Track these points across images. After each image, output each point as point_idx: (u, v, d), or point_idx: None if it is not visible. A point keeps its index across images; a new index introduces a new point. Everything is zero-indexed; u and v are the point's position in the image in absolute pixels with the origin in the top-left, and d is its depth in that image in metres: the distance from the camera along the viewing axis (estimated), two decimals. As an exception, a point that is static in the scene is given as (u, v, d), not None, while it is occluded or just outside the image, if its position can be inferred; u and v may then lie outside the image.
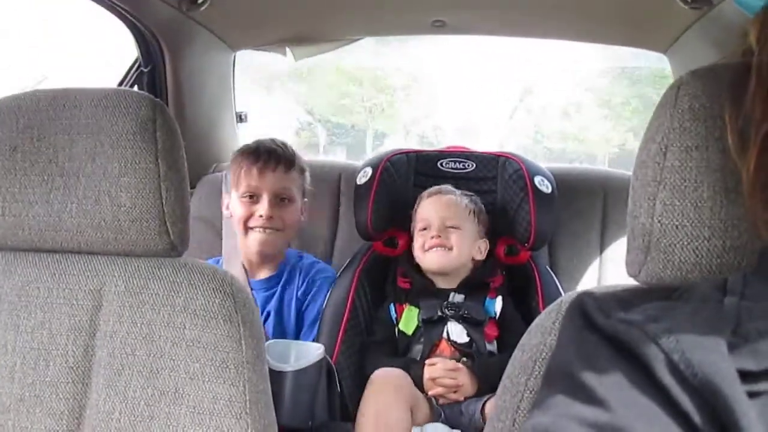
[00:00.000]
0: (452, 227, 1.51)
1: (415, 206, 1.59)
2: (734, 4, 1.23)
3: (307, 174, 1.65)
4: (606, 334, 0.47)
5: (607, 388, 0.43)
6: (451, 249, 1.49)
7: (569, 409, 0.43)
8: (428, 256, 1.50)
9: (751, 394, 0.40)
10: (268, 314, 1.57)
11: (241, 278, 1.58)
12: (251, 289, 1.58)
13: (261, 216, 1.52)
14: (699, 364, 0.41)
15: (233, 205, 1.59)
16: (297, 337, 1.57)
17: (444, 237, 1.49)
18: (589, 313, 0.50)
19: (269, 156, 1.55)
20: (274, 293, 1.60)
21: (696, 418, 0.40)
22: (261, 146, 1.59)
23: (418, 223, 1.55)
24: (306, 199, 1.65)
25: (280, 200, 1.55)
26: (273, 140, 1.62)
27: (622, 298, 0.54)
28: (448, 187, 1.59)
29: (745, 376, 0.41)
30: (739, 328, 0.44)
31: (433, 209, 1.53)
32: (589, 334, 0.49)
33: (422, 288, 1.53)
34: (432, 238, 1.49)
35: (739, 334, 0.44)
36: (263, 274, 1.62)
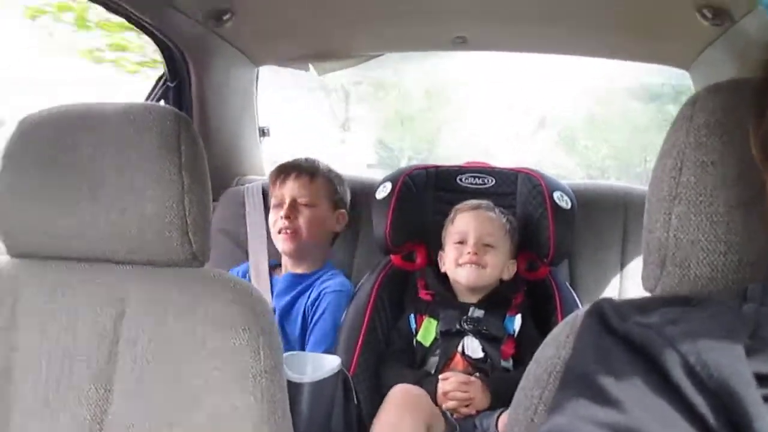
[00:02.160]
0: (489, 245, 1.50)
1: (450, 217, 1.58)
2: (757, 17, 1.23)
3: (341, 186, 1.76)
4: (622, 336, 0.48)
5: (623, 389, 0.43)
6: (485, 267, 1.49)
7: (585, 411, 0.43)
8: (460, 271, 1.50)
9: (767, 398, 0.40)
10: (273, 310, 1.62)
11: (265, 282, 1.70)
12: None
13: (282, 217, 1.65)
14: (715, 366, 0.41)
15: (270, 217, 1.74)
16: (299, 343, 1.61)
17: (480, 254, 1.49)
18: (606, 317, 0.51)
19: (291, 167, 1.71)
20: (291, 292, 1.66)
21: (711, 420, 0.40)
22: (287, 162, 1.75)
23: (453, 236, 1.54)
24: (344, 211, 1.75)
25: (299, 205, 1.66)
26: (303, 157, 1.76)
27: (640, 305, 0.54)
28: (489, 203, 1.58)
29: (762, 379, 0.41)
30: (757, 332, 0.44)
31: (472, 224, 1.52)
32: (605, 336, 0.49)
33: (444, 300, 1.53)
34: (468, 253, 1.49)
35: (757, 338, 0.44)
36: (299, 270, 1.71)
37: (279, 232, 1.66)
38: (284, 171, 1.71)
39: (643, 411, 0.41)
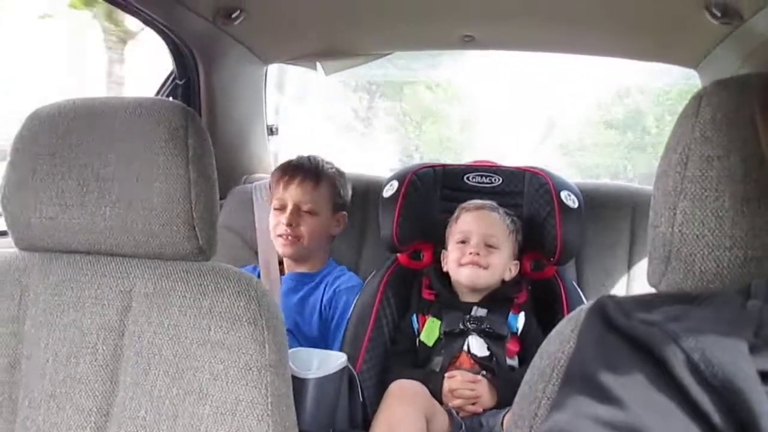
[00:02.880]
0: (491, 246, 1.50)
1: (455, 216, 1.58)
2: (766, 15, 1.21)
3: (343, 188, 1.73)
4: (626, 334, 0.47)
5: (625, 387, 0.43)
6: (486, 268, 1.48)
7: (586, 409, 0.43)
8: (462, 271, 1.50)
9: None
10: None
11: (276, 281, 1.69)
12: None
13: (282, 224, 1.64)
14: (719, 363, 0.41)
15: (270, 219, 1.71)
16: (320, 341, 1.62)
17: (482, 255, 1.48)
18: (609, 315, 0.50)
19: (295, 170, 1.68)
20: (300, 291, 1.67)
21: (715, 417, 0.40)
22: (291, 162, 1.72)
23: (456, 235, 1.54)
24: (344, 213, 1.74)
25: (302, 212, 1.64)
26: (306, 156, 1.73)
27: (644, 301, 0.54)
28: (492, 203, 1.58)
29: (767, 377, 0.41)
30: (761, 330, 0.44)
31: (476, 224, 1.52)
32: (608, 334, 0.49)
33: (446, 300, 1.53)
34: (470, 254, 1.48)
35: (761, 335, 0.44)
36: (302, 269, 1.72)
37: (279, 236, 1.65)
38: (288, 173, 1.68)
39: (645, 409, 0.41)
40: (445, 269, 1.57)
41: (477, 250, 1.48)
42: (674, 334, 0.44)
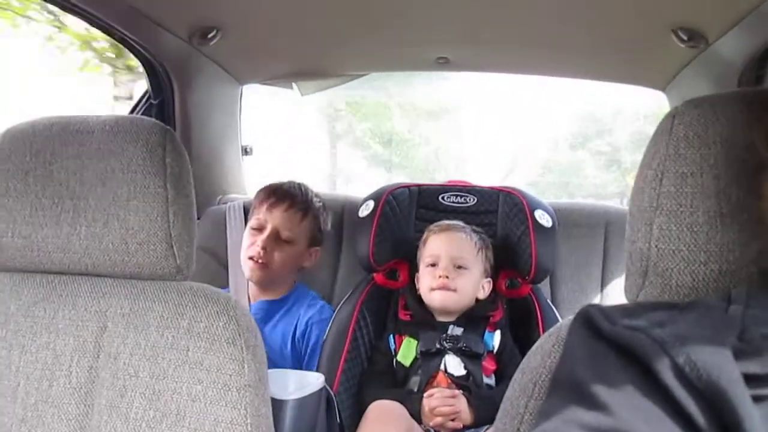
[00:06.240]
0: (460, 267, 1.50)
1: (423, 239, 1.59)
2: (731, 39, 1.25)
3: (325, 224, 1.71)
4: (611, 340, 0.48)
5: (610, 392, 0.43)
6: (456, 291, 1.49)
7: (573, 415, 0.43)
8: (434, 296, 1.50)
9: (756, 398, 0.41)
10: None
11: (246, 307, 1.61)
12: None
13: (257, 245, 1.58)
14: (704, 366, 0.42)
15: (244, 238, 1.66)
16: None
17: (451, 277, 1.48)
18: (594, 322, 0.51)
19: (284, 196, 1.63)
20: (267, 322, 1.61)
21: (700, 420, 0.41)
22: (281, 185, 1.67)
23: (425, 258, 1.54)
24: (318, 248, 1.70)
25: (280, 239, 1.60)
26: (297, 183, 1.69)
27: (628, 309, 0.55)
28: (459, 223, 1.59)
29: (750, 379, 0.42)
30: (745, 333, 0.45)
31: (443, 246, 1.52)
32: (594, 341, 0.50)
33: (422, 320, 1.53)
34: (439, 277, 1.49)
35: (745, 339, 0.45)
36: (268, 296, 1.66)
37: (250, 258, 1.59)
38: (276, 196, 1.63)
39: (630, 413, 0.42)
40: (418, 292, 1.57)
41: (446, 273, 1.49)
42: (659, 339, 0.45)
